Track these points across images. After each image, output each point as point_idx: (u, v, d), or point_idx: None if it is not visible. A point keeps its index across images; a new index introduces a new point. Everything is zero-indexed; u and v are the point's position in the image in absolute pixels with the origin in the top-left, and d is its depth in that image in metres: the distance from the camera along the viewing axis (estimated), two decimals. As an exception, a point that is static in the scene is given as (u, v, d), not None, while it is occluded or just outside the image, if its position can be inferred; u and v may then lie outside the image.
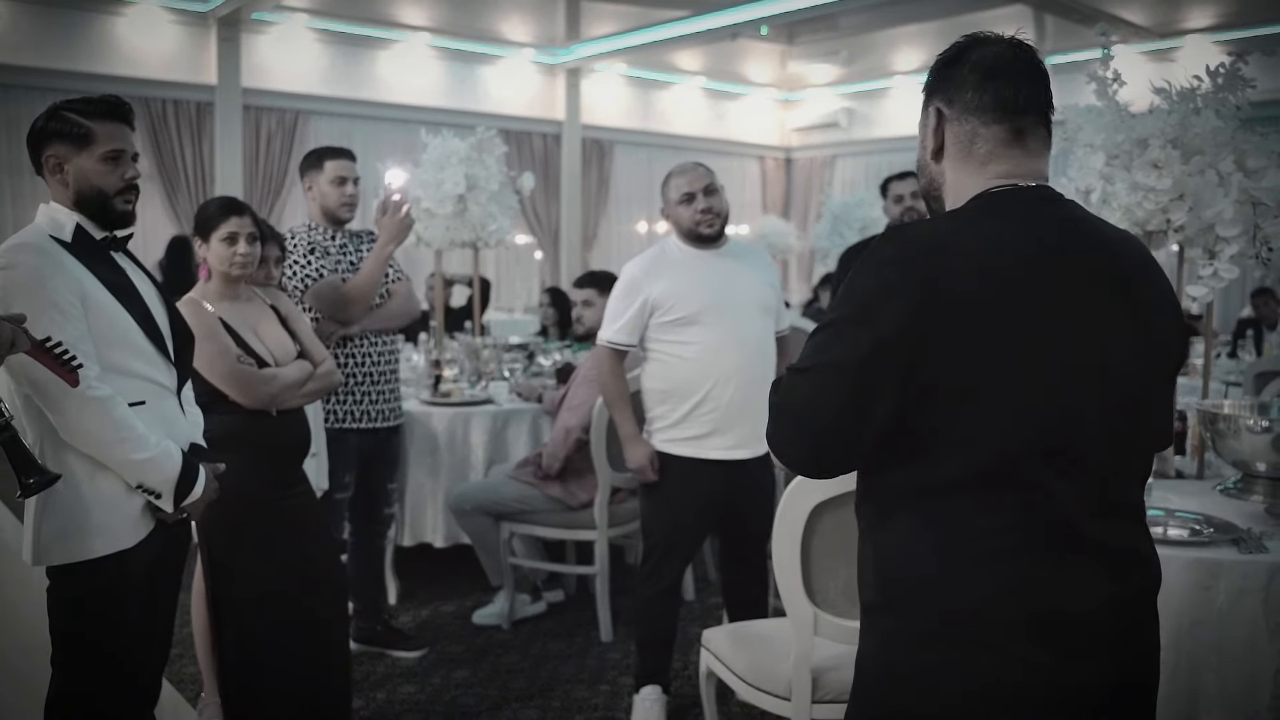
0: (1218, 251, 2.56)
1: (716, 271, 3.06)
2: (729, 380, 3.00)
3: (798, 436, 1.33)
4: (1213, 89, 2.57)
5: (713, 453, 3.03)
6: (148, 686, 2.20)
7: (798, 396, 1.32)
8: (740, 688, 2.51)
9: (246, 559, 2.63)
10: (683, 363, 3.03)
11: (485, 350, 4.90)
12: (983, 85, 1.35)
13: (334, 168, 3.52)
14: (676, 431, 3.06)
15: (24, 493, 1.81)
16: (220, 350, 2.60)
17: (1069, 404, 1.28)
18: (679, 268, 3.07)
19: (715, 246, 3.09)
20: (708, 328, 3.00)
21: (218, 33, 8.85)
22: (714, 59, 11.93)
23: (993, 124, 1.36)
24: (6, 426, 1.74)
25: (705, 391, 3.01)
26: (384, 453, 3.68)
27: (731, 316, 3.02)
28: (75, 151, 2.04)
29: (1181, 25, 9.46)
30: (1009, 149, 1.36)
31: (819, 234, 9.82)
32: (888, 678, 1.35)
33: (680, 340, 3.03)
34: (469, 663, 3.61)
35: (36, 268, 1.96)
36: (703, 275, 3.05)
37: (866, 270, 1.30)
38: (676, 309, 3.02)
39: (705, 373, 3.00)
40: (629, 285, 3.09)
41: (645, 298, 3.04)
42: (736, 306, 3.03)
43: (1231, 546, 2.06)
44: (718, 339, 3.00)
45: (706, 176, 3.09)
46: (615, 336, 3.11)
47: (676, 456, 3.06)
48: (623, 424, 3.15)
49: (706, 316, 3.00)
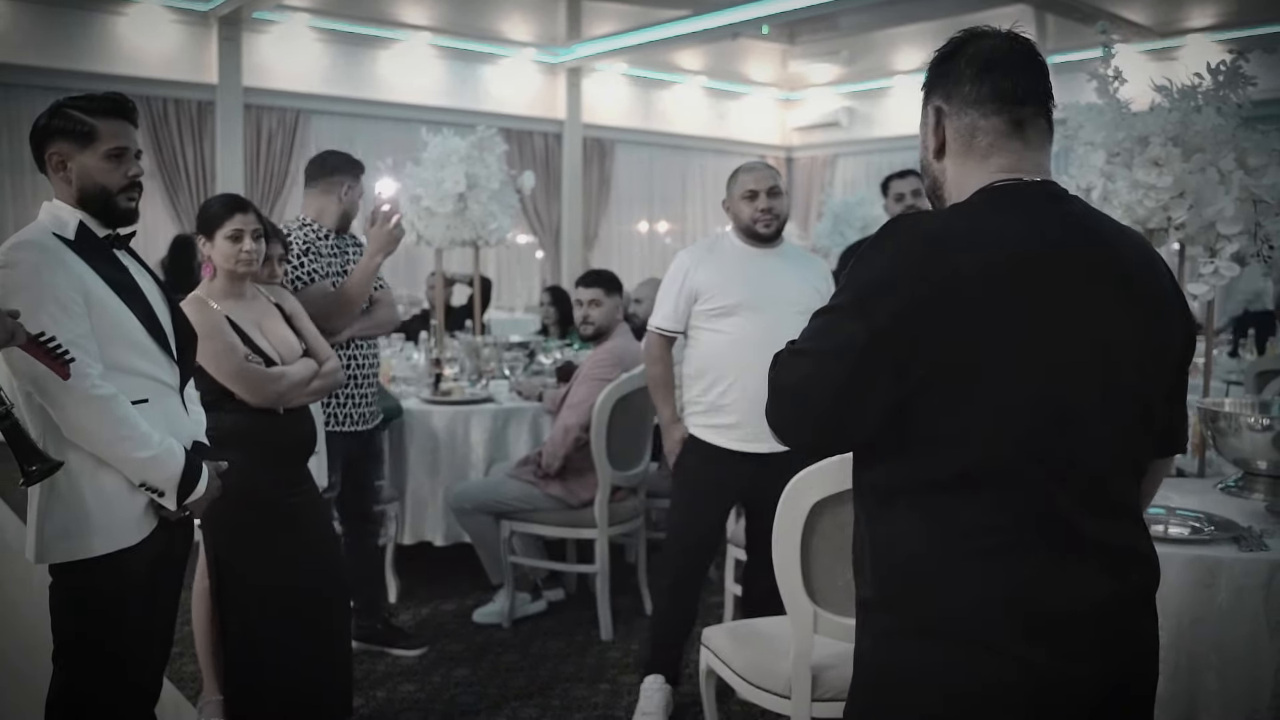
0: (1218, 249, 2.56)
1: (762, 269, 3.14)
2: (755, 373, 3.00)
3: (794, 414, 1.35)
4: (1214, 87, 2.57)
5: (734, 443, 3.10)
6: (149, 685, 2.20)
7: (795, 376, 1.32)
8: (740, 686, 2.51)
9: (251, 557, 2.63)
10: (715, 348, 3.13)
11: (486, 349, 4.90)
12: (980, 78, 1.35)
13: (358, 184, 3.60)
14: (705, 418, 3.16)
15: (26, 480, 1.81)
16: (227, 348, 2.60)
17: (1068, 401, 1.27)
18: (727, 260, 3.17)
19: (769, 246, 3.18)
20: (744, 320, 3.09)
21: (219, 32, 8.85)
22: (715, 58, 11.92)
23: (992, 115, 1.35)
24: (7, 415, 1.74)
25: (732, 379, 3.08)
26: (368, 452, 3.70)
27: (768, 313, 3.07)
28: (78, 149, 2.04)
29: (1182, 24, 9.45)
30: (1009, 141, 1.35)
31: (820, 233, 9.81)
32: (884, 675, 1.35)
33: (716, 329, 3.13)
34: (469, 661, 3.61)
35: (39, 265, 1.96)
36: (748, 271, 3.13)
37: (867, 261, 1.30)
38: (716, 299, 3.12)
39: (733, 360, 3.08)
40: (677, 272, 3.21)
41: (690, 285, 3.15)
42: (775, 304, 3.09)
43: (1232, 544, 2.06)
44: (751, 332, 3.06)
45: (773, 178, 3.18)
46: (662, 323, 3.23)
47: (702, 441, 3.17)
48: (663, 409, 3.30)
49: (744, 310, 3.09)
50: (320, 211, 3.55)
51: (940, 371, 1.25)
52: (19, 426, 1.79)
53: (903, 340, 1.24)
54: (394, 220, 3.44)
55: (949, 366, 1.25)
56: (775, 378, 1.36)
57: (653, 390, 3.35)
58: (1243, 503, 2.39)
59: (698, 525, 3.23)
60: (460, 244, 4.80)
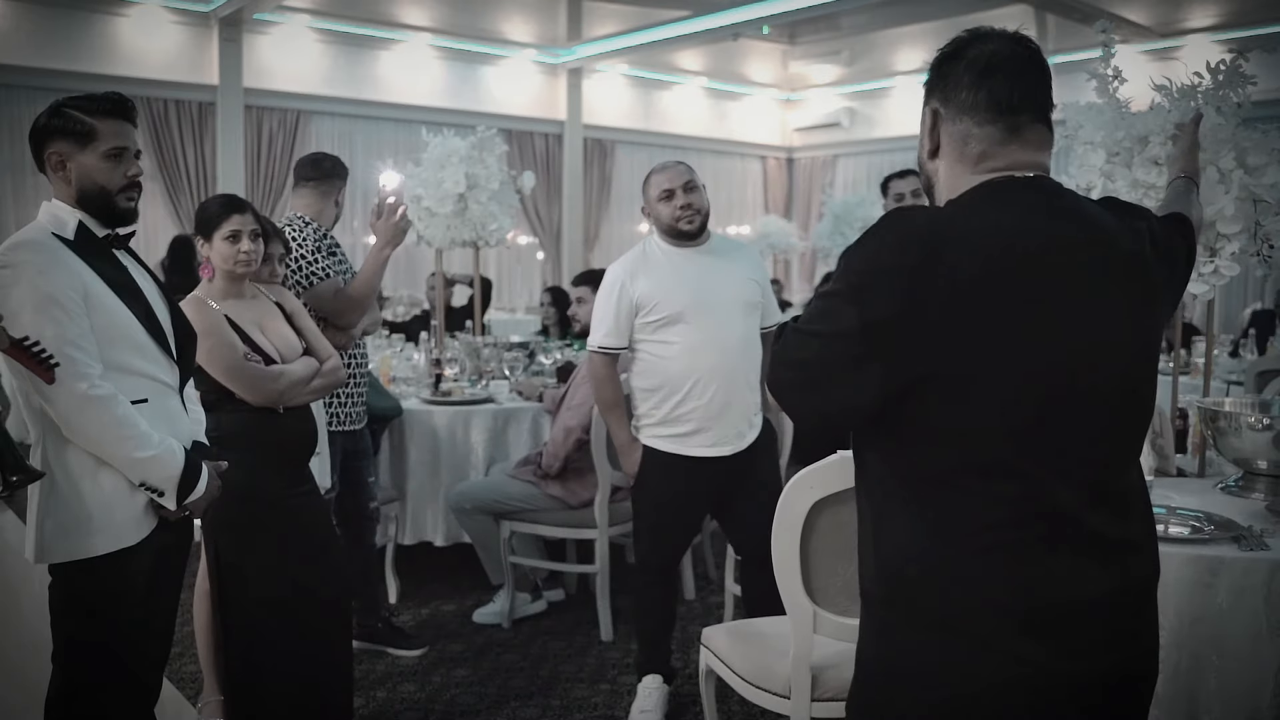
0: (1218, 249, 2.55)
1: (698, 270, 3.07)
2: (710, 379, 3.02)
3: (794, 386, 1.38)
4: (1213, 86, 2.57)
5: (696, 450, 3.06)
6: (149, 684, 2.20)
7: (802, 355, 1.35)
8: (740, 686, 2.51)
9: (254, 557, 2.63)
10: (665, 362, 3.05)
11: (486, 349, 4.91)
12: (977, 84, 1.35)
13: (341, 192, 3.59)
14: (662, 429, 3.10)
15: (6, 489, 1.81)
16: (226, 347, 2.59)
17: (1068, 394, 1.28)
18: (661, 267, 3.08)
19: (696, 244, 3.11)
20: (690, 327, 3.02)
21: (219, 33, 8.86)
22: (715, 59, 11.93)
23: (986, 124, 1.35)
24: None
25: (686, 390, 3.03)
26: (358, 449, 3.69)
27: (714, 316, 3.03)
28: (78, 149, 2.04)
29: (1182, 25, 9.46)
30: (1003, 146, 1.35)
31: (820, 234, 9.83)
32: (885, 670, 1.35)
33: (663, 340, 3.05)
34: (469, 661, 3.61)
35: (39, 265, 1.96)
36: (685, 274, 3.06)
37: (864, 250, 1.31)
38: (659, 309, 3.04)
39: (687, 371, 3.02)
40: (612, 287, 3.11)
41: (629, 298, 3.07)
42: (719, 305, 3.05)
43: (1232, 544, 2.05)
44: (700, 338, 3.02)
45: (686, 174, 3.11)
46: (604, 341, 3.13)
47: (661, 452, 3.10)
48: (618, 431, 3.18)
49: (689, 316, 3.03)
50: (319, 212, 3.55)
51: (938, 366, 1.25)
52: (6, 435, 1.79)
53: (897, 332, 1.25)
54: (400, 212, 3.44)
55: (947, 361, 1.25)
56: (781, 353, 1.38)
57: (604, 413, 3.25)
58: (1243, 502, 2.39)
59: (668, 531, 3.18)
60: (461, 244, 4.81)
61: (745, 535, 3.18)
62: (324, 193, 3.57)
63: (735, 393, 3.03)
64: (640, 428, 3.16)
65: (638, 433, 3.16)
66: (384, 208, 3.45)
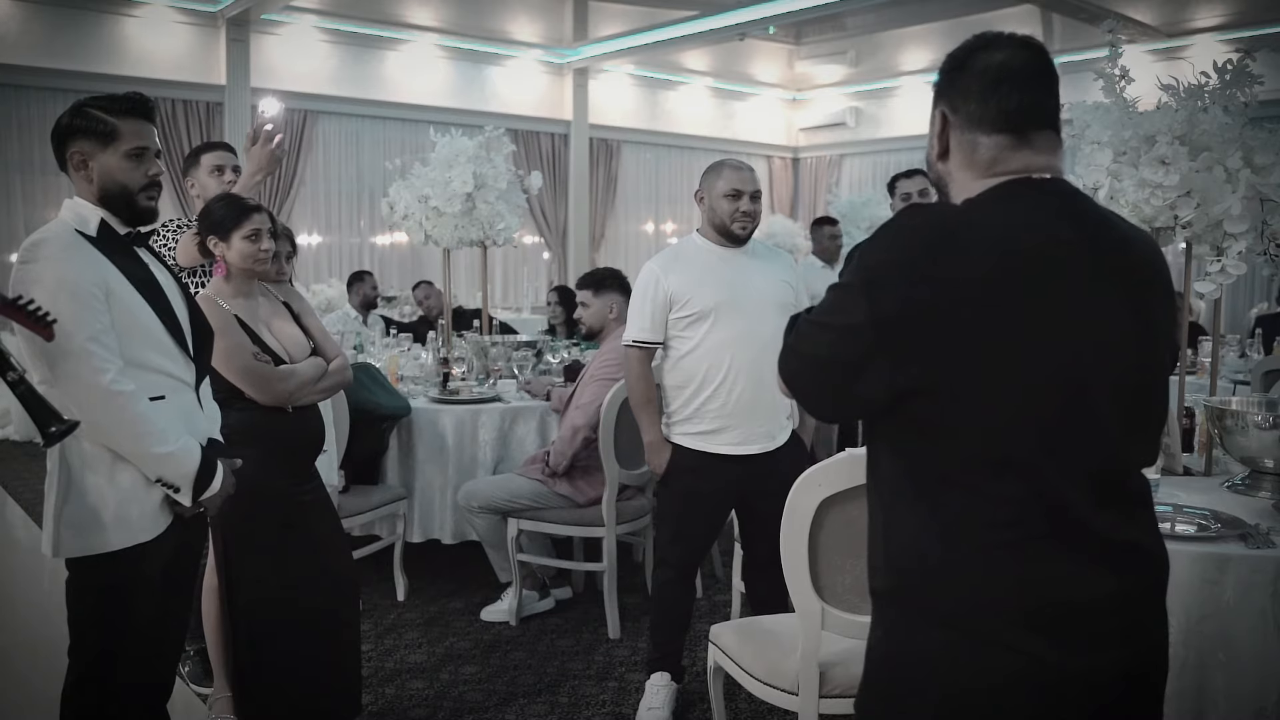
0: (1225, 248, 2.56)
1: (733, 269, 3.11)
2: (739, 377, 3.04)
3: (804, 376, 1.40)
4: (1220, 86, 2.58)
5: (723, 448, 3.08)
6: (162, 679, 2.22)
7: (814, 346, 1.37)
8: (748, 682, 2.52)
9: (261, 555, 2.64)
10: (694, 358, 3.08)
11: (493, 348, 4.92)
12: (986, 95, 1.36)
13: (210, 159, 3.51)
14: (689, 425, 3.11)
15: (47, 441, 1.83)
16: (236, 346, 2.61)
17: (1076, 394, 1.28)
18: (697, 264, 3.12)
19: (737, 246, 3.15)
20: (721, 324, 3.05)
21: (227, 33, 8.90)
22: (721, 59, 11.95)
23: (994, 134, 1.36)
24: (21, 380, 1.76)
25: (715, 387, 3.05)
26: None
27: (745, 314, 3.05)
28: (100, 148, 2.06)
29: (1189, 25, 9.45)
30: (1015, 152, 1.36)
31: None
32: (894, 666, 1.36)
33: (693, 336, 3.08)
34: (477, 658, 3.62)
35: (61, 260, 1.98)
36: (720, 272, 3.09)
37: (878, 245, 1.33)
38: (692, 304, 3.07)
39: (715, 368, 3.05)
40: (647, 282, 3.14)
41: (664, 292, 3.10)
42: (751, 304, 3.07)
43: (1239, 542, 2.06)
44: (730, 335, 3.04)
45: (756, 183, 3.16)
46: (639, 335, 3.16)
47: (688, 449, 3.11)
48: (648, 428, 3.19)
49: (720, 313, 3.05)
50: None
51: (947, 364, 1.26)
52: (34, 390, 1.81)
53: (906, 327, 1.26)
54: (276, 140, 3.32)
55: (956, 359, 1.26)
56: (795, 345, 1.40)
57: (637, 410, 3.23)
58: (1249, 500, 2.40)
59: (692, 530, 3.19)
60: (468, 244, 4.82)
61: (762, 536, 3.20)
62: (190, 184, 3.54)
63: (764, 391, 3.03)
64: (671, 424, 3.17)
65: (668, 430, 3.18)
66: (260, 134, 3.35)
